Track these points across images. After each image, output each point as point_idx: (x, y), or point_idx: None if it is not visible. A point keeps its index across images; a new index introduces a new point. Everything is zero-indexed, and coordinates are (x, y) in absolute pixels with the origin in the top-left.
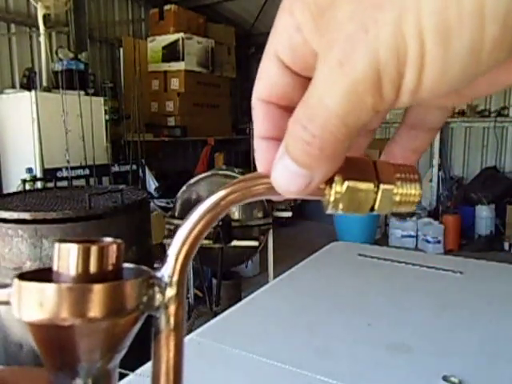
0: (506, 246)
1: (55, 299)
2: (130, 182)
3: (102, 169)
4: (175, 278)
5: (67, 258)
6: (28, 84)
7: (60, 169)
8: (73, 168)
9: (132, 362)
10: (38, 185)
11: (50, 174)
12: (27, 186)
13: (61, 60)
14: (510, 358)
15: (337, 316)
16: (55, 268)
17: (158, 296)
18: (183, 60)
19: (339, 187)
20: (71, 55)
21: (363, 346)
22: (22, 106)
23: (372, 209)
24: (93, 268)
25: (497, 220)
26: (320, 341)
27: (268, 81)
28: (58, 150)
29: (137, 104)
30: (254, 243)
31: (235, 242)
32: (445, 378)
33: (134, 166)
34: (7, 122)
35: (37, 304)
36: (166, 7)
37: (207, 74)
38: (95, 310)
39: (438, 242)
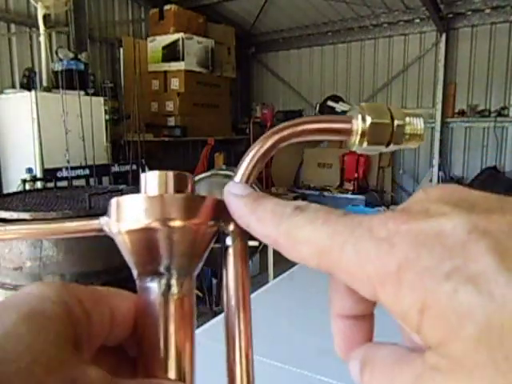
0: None
1: (150, 206)
2: (129, 182)
3: (101, 169)
4: None
5: (153, 181)
6: (28, 84)
7: (60, 169)
8: (73, 168)
9: None
10: (38, 185)
11: (50, 174)
12: (27, 186)
13: (61, 60)
14: None
15: None
16: (143, 193)
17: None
18: (183, 60)
19: (364, 123)
20: (71, 55)
21: None
22: (22, 105)
23: (389, 143)
24: (174, 189)
25: None
26: (320, 341)
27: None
28: (58, 150)
29: (137, 104)
30: (254, 243)
31: None
32: None
33: (134, 166)
34: (7, 122)
35: (136, 212)
36: (166, 7)
37: (207, 74)
38: (181, 215)
39: None
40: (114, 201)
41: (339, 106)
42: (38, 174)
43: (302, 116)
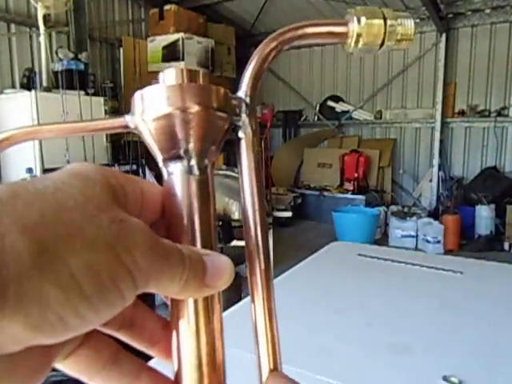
0: (506, 246)
1: (171, 94)
2: None
3: None
4: (250, 93)
5: (171, 75)
6: (28, 84)
7: (60, 169)
8: None
9: None
10: None
11: None
12: None
13: (61, 60)
14: (510, 357)
15: (337, 316)
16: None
17: (239, 103)
18: (183, 60)
19: (359, 24)
20: (71, 55)
21: (363, 346)
22: (22, 106)
23: (382, 44)
24: (188, 81)
25: (497, 220)
26: (320, 341)
27: None
28: (58, 150)
29: None
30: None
31: (235, 242)
32: (445, 378)
33: (134, 166)
34: (7, 122)
35: (158, 101)
36: (166, 7)
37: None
38: (198, 100)
39: (438, 242)
40: (137, 94)
41: (339, 106)
42: (38, 174)
43: (301, 116)
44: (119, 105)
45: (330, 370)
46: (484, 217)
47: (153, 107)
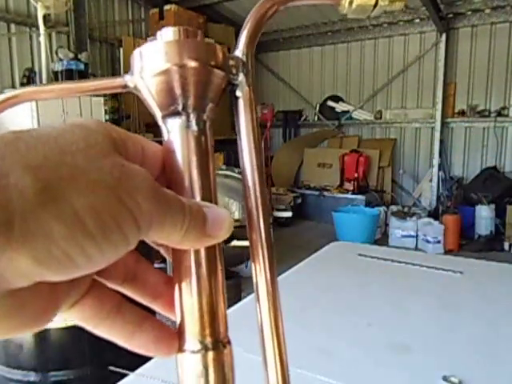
0: (506, 245)
1: (169, 50)
2: None
3: None
4: (246, 52)
5: (168, 32)
6: (28, 84)
7: None
8: None
9: (132, 362)
10: None
11: None
12: None
13: (61, 60)
14: (510, 357)
15: (337, 316)
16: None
17: (236, 62)
18: None
19: None
20: (71, 55)
21: (363, 346)
22: (22, 106)
23: (376, 4)
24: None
25: (497, 220)
26: (320, 341)
27: None
28: None
29: (137, 104)
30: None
31: (235, 242)
32: (445, 378)
33: None
34: (7, 122)
35: (157, 57)
36: (166, 7)
37: None
38: (195, 56)
39: (438, 242)
40: (136, 52)
41: (339, 106)
42: None
43: (301, 116)
44: (119, 105)
45: (330, 370)
46: (484, 217)
47: (151, 64)
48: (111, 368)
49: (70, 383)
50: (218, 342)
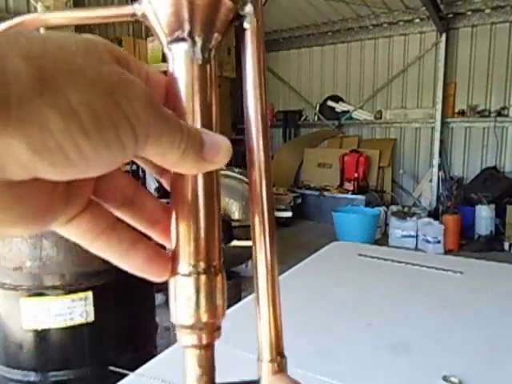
0: (506, 245)
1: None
2: None
3: None
4: None
5: None
6: None
7: None
8: None
9: (132, 362)
10: None
11: None
12: None
13: None
14: (510, 357)
15: (337, 316)
16: None
17: None
18: None
19: None
20: None
21: (363, 346)
22: None
23: None
24: None
25: (497, 220)
26: (320, 341)
27: None
28: None
29: None
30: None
31: (235, 242)
32: (445, 378)
33: (134, 166)
34: None
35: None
36: None
37: None
38: None
39: (438, 242)
40: None
41: (339, 106)
42: None
43: (301, 116)
44: None
45: (330, 370)
46: (484, 217)
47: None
48: (111, 368)
49: (70, 383)
50: (210, 268)
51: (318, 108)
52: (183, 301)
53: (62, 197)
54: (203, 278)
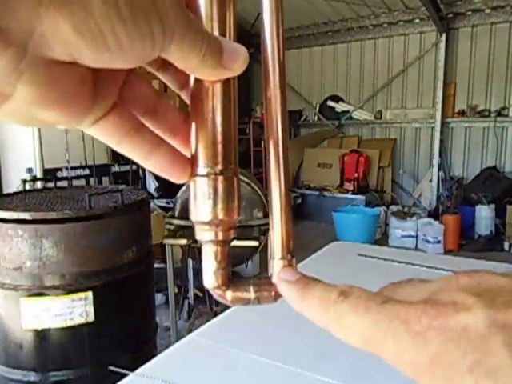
0: (506, 245)
1: None
2: (130, 182)
3: (101, 169)
4: None
5: None
6: None
7: (60, 169)
8: (73, 168)
9: (132, 362)
10: (38, 185)
11: (49, 174)
12: (27, 186)
13: None
14: None
15: None
16: None
17: None
18: None
19: None
20: None
21: None
22: None
23: None
24: None
25: (497, 220)
26: (320, 341)
27: None
28: (58, 150)
29: None
30: (254, 243)
31: (235, 242)
32: None
33: (134, 166)
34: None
35: None
36: None
37: None
38: None
39: (438, 242)
40: None
41: (339, 106)
42: (38, 174)
43: (301, 116)
44: None
45: (330, 370)
46: (484, 217)
47: None
48: (111, 368)
49: (70, 383)
50: (226, 169)
51: (318, 108)
52: (202, 199)
53: (90, 94)
54: (220, 178)
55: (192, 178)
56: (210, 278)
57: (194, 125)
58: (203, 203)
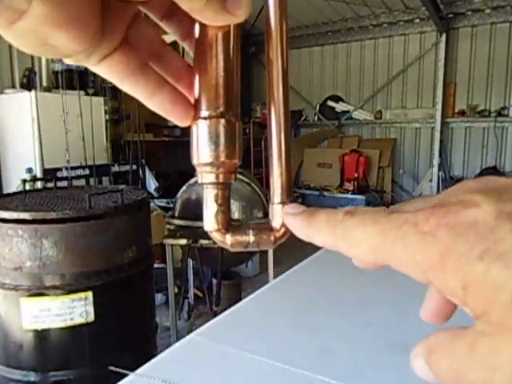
0: None
1: None
2: (130, 182)
3: (102, 169)
4: None
5: None
6: (28, 84)
7: (60, 169)
8: (73, 168)
9: (132, 362)
10: (38, 185)
11: (50, 173)
12: (27, 186)
13: (61, 60)
14: None
15: (337, 316)
16: None
17: None
18: None
19: None
20: None
21: (363, 346)
22: (22, 106)
23: None
24: None
25: None
26: (320, 341)
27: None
28: (58, 150)
29: (137, 104)
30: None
31: None
32: None
33: (134, 166)
34: (7, 122)
35: None
36: None
37: None
38: None
39: None
40: None
41: (339, 106)
42: (38, 174)
43: (301, 116)
44: (119, 105)
45: (330, 369)
46: None
47: None
48: (111, 368)
49: (70, 383)
50: (228, 112)
51: (318, 108)
52: (204, 141)
53: (98, 25)
54: (222, 121)
55: (194, 122)
56: (211, 220)
57: (197, 70)
58: (205, 145)
